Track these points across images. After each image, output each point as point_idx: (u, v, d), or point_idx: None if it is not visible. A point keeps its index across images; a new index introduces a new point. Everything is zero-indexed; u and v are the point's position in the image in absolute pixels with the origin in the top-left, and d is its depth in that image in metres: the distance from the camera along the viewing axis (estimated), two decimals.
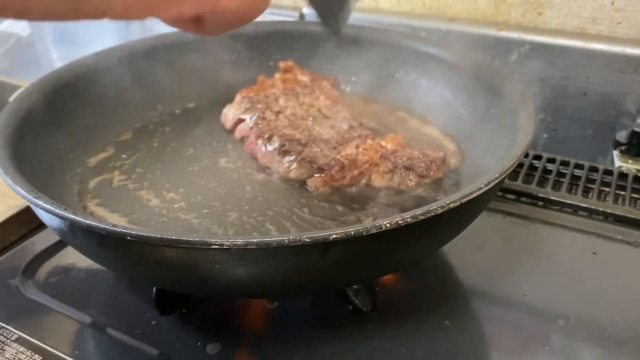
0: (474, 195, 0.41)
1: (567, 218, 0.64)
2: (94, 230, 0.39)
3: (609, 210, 0.63)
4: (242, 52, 0.79)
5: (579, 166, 0.71)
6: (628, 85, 0.77)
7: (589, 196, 0.66)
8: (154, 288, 0.51)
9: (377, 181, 0.57)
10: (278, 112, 0.66)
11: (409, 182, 0.57)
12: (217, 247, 0.37)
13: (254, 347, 0.49)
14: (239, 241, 0.37)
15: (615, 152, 0.76)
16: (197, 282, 0.43)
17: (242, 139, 0.66)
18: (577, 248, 0.60)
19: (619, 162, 0.75)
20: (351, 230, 0.37)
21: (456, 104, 0.68)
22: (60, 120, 0.62)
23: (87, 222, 0.39)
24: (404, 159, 0.56)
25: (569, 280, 0.55)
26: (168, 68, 0.74)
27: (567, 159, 0.72)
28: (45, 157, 0.56)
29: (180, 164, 0.63)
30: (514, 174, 0.70)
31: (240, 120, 0.67)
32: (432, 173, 0.56)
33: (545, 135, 0.85)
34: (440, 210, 0.39)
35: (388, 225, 0.37)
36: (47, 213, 0.41)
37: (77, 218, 0.39)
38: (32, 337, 0.50)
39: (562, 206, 0.65)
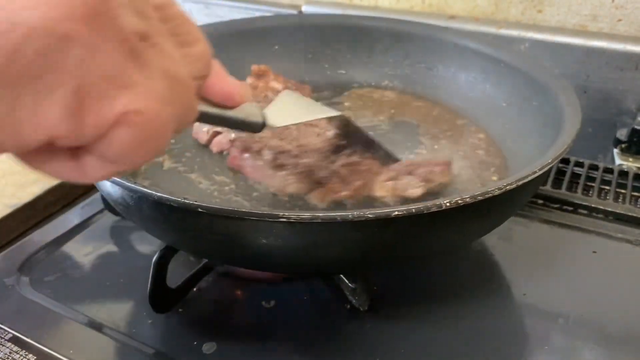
0: (529, 178, 0.42)
1: (567, 217, 0.63)
2: (164, 203, 0.40)
3: (609, 209, 0.63)
4: (284, 44, 0.78)
5: (579, 164, 0.70)
6: (628, 83, 0.77)
7: (589, 194, 0.66)
8: (149, 285, 0.51)
9: (379, 190, 0.53)
10: None
11: (413, 188, 0.52)
12: (284, 219, 0.38)
13: (250, 347, 0.48)
14: (305, 215, 0.38)
15: (616, 150, 0.76)
16: (258, 256, 0.44)
17: (222, 153, 0.62)
18: (577, 247, 0.59)
19: (620, 160, 0.75)
20: (412, 207, 0.38)
21: (496, 97, 0.68)
22: None
23: (157, 194, 0.40)
24: (403, 165, 0.54)
25: (568, 279, 0.55)
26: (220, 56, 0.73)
27: (566, 157, 0.71)
28: None
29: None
30: None
31: (216, 133, 0.63)
32: (436, 177, 0.54)
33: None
34: (497, 192, 0.40)
35: (448, 204, 0.39)
36: (116, 186, 0.43)
37: (147, 190, 0.41)
38: (27, 337, 0.49)
39: (562, 204, 0.65)
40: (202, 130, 0.64)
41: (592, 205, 0.63)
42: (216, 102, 0.36)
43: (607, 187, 0.67)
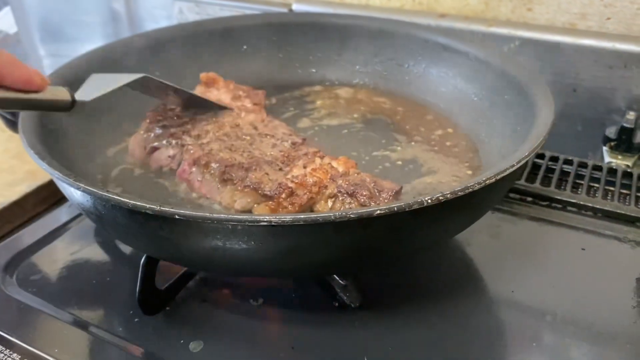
0: (507, 172, 0.42)
1: (556, 214, 0.63)
2: (139, 211, 0.39)
3: (598, 206, 0.63)
4: (253, 44, 0.78)
5: (568, 162, 0.71)
6: (617, 81, 0.77)
7: (578, 192, 0.66)
8: (138, 287, 0.50)
9: (320, 206, 0.50)
10: (198, 136, 0.59)
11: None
12: (265, 223, 0.38)
13: (238, 345, 0.48)
14: (287, 218, 0.38)
15: (605, 148, 0.76)
16: (239, 263, 0.43)
17: (161, 169, 0.59)
18: (565, 244, 0.59)
19: (609, 158, 0.75)
20: (394, 206, 0.38)
21: (468, 91, 0.68)
22: (82, 111, 0.60)
23: (132, 202, 0.39)
24: (350, 183, 0.50)
25: (557, 276, 0.55)
26: (186, 60, 0.73)
27: (556, 154, 0.71)
28: (67, 148, 0.56)
29: None
30: None
31: (154, 149, 0.60)
32: (375, 203, 0.48)
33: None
34: (477, 187, 0.40)
35: (429, 201, 0.39)
36: (87, 195, 0.42)
37: (121, 198, 0.40)
38: (11, 336, 0.49)
39: (551, 202, 0.65)
40: (138, 148, 0.61)
41: (581, 203, 0.63)
42: (18, 88, 0.40)
43: (596, 185, 0.67)
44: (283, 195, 0.50)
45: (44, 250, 0.59)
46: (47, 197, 0.69)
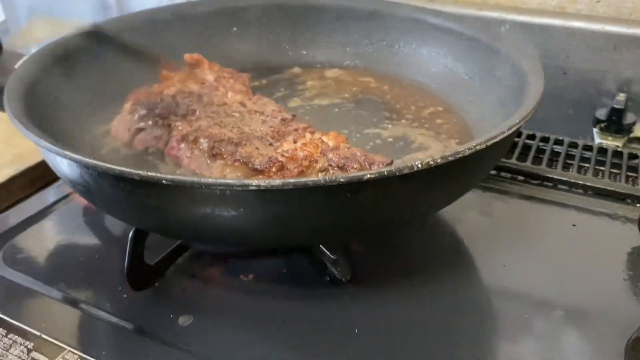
0: (498, 138, 0.42)
1: (547, 192, 0.63)
2: (126, 177, 0.38)
3: (588, 183, 0.63)
4: (243, 26, 0.77)
5: (558, 142, 0.71)
6: (607, 64, 0.77)
7: (569, 171, 0.66)
8: (126, 262, 0.50)
9: None
10: (185, 115, 0.59)
11: None
12: (254, 188, 0.37)
13: (227, 319, 0.47)
14: (276, 182, 0.37)
15: (595, 130, 0.76)
16: (230, 231, 0.42)
17: (147, 150, 0.58)
18: (556, 221, 0.59)
19: (599, 139, 0.75)
20: (384, 170, 0.38)
21: (459, 70, 0.68)
22: (68, 89, 0.61)
23: (119, 168, 0.39)
24: (340, 157, 0.49)
25: (548, 252, 0.54)
26: (174, 42, 0.72)
27: (547, 135, 0.72)
28: (56, 125, 0.55)
29: None
30: None
31: (139, 130, 0.59)
32: None
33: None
34: (468, 152, 0.40)
35: (419, 165, 0.38)
36: (74, 163, 0.41)
37: (108, 165, 0.39)
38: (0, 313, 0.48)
39: (542, 180, 0.65)
40: (123, 130, 0.60)
41: (572, 181, 0.63)
42: None
43: (587, 165, 0.67)
44: (273, 169, 0.49)
45: (31, 229, 0.59)
46: (34, 180, 0.68)
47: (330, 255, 0.51)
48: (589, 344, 0.45)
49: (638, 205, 0.60)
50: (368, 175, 0.37)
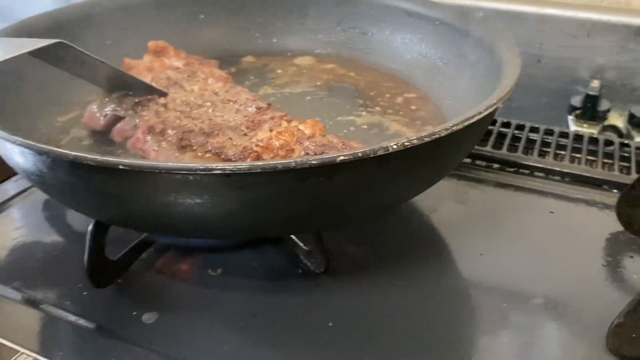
0: (475, 119, 0.41)
1: (523, 179, 0.62)
2: (82, 163, 0.36)
3: (565, 170, 0.62)
4: (210, 13, 0.75)
5: (534, 130, 0.70)
6: (581, 51, 0.77)
7: (546, 158, 0.65)
8: (86, 258, 0.47)
9: None
10: (165, 104, 0.56)
11: None
12: (219, 172, 0.35)
13: (194, 316, 0.45)
14: (243, 165, 0.35)
15: (570, 117, 0.75)
16: (194, 220, 0.40)
17: (125, 141, 0.55)
18: (534, 208, 0.58)
19: (574, 127, 0.75)
20: (359, 152, 0.36)
21: (433, 56, 0.67)
22: (26, 79, 0.57)
23: (73, 153, 0.36)
24: (317, 145, 0.47)
25: (526, 240, 0.53)
26: (136, 28, 0.69)
27: (522, 123, 0.71)
28: (9, 118, 0.51)
29: None
30: None
31: (117, 118, 0.55)
32: None
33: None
34: (444, 133, 0.39)
35: (395, 147, 0.37)
36: (26, 150, 0.39)
37: (62, 150, 0.36)
38: None
39: (518, 168, 0.64)
40: (97, 116, 0.56)
41: (549, 167, 0.62)
42: None
43: (563, 152, 0.66)
44: (248, 160, 0.47)
45: None
46: None
47: (303, 247, 0.49)
48: (569, 332, 0.44)
49: (615, 191, 0.59)
50: (342, 157, 0.36)
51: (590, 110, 0.73)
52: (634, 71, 0.75)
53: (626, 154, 0.65)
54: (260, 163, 0.35)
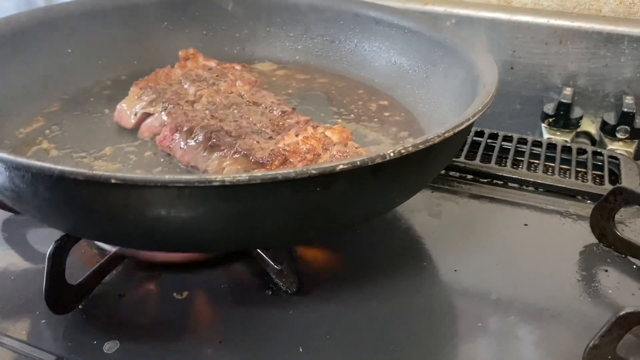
0: (464, 125, 0.41)
1: (498, 190, 0.61)
2: (68, 177, 0.34)
3: (539, 181, 0.61)
4: (175, 20, 0.73)
5: (507, 138, 0.69)
6: (553, 58, 0.77)
7: (519, 168, 0.64)
8: (44, 283, 0.44)
9: None
10: (193, 102, 0.57)
11: None
12: (218, 184, 0.33)
13: (158, 344, 0.43)
14: (243, 177, 0.34)
15: (544, 125, 0.75)
16: (182, 233, 0.38)
17: (154, 138, 0.56)
18: (508, 220, 0.57)
19: (548, 134, 0.74)
20: (357, 160, 0.36)
21: (402, 64, 0.66)
22: None
23: (60, 168, 0.34)
24: (343, 155, 0.48)
25: (501, 253, 0.52)
26: (101, 37, 0.68)
27: (495, 132, 0.70)
28: None
29: (110, 135, 0.57)
30: None
31: (146, 116, 0.56)
32: None
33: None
34: (437, 140, 0.39)
35: (392, 154, 0.37)
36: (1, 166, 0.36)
37: (45, 165, 0.34)
38: None
39: (492, 179, 0.63)
40: (128, 114, 0.57)
41: (522, 178, 0.62)
42: None
43: (537, 161, 0.66)
44: (276, 163, 0.47)
45: None
46: None
47: (275, 266, 0.47)
48: (546, 351, 0.43)
49: (588, 201, 0.59)
50: (341, 166, 0.35)
51: (563, 118, 0.73)
52: (604, 77, 0.75)
53: (599, 163, 0.65)
54: (260, 174, 0.34)
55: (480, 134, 0.70)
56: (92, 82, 0.67)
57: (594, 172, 0.63)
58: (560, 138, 0.73)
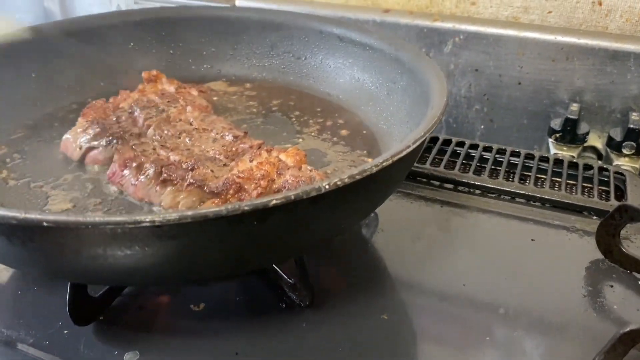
0: (404, 153, 0.41)
1: (505, 205, 0.63)
2: (2, 222, 0.34)
3: (546, 196, 0.62)
4: (141, 40, 0.74)
5: (515, 154, 0.70)
6: (560, 74, 0.78)
7: (526, 183, 0.65)
8: (68, 295, 0.46)
9: None
10: (139, 135, 0.56)
11: None
12: (148, 224, 0.34)
13: (177, 353, 0.45)
14: (173, 215, 0.34)
15: (550, 140, 0.76)
16: (122, 270, 0.39)
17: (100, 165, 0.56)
18: (515, 235, 0.59)
19: (555, 150, 0.75)
20: (291, 194, 0.36)
21: (365, 81, 0.67)
22: None
23: None
24: (296, 181, 0.48)
25: (508, 268, 0.54)
26: (66, 59, 0.68)
27: (503, 147, 0.71)
28: None
29: (70, 162, 0.57)
30: (451, 164, 0.69)
31: (91, 149, 0.55)
32: None
33: (482, 127, 0.85)
34: (375, 170, 0.39)
35: (327, 187, 0.37)
36: None
37: None
38: None
39: (499, 194, 0.64)
40: (74, 147, 0.56)
41: (529, 194, 0.63)
42: None
43: (544, 176, 0.67)
44: (231, 192, 0.47)
45: None
46: None
47: (288, 279, 0.49)
48: None
49: (594, 217, 0.60)
50: (274, 201, 0.35)
51: (569, 134, 0.74)
52: (611, 93, 0.76)
53: (605, 178, 0.66)
54: (190, 213, 0.34)
55: (488, 149, 0.71)
56: (57, 107, 0.66)
57: (600, 187, 0.65)
58: (567, 153, 0.74)
